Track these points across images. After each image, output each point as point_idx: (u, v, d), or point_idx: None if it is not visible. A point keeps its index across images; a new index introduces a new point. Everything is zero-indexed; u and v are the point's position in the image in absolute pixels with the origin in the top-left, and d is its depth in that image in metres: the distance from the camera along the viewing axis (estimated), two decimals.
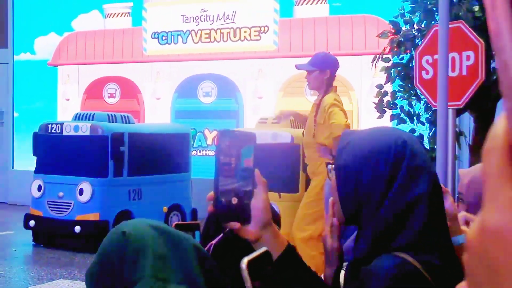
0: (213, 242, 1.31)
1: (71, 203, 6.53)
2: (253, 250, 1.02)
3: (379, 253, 1.18)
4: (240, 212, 1.04)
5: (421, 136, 5.94)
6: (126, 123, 7.15)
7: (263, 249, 1.00)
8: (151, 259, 1.18)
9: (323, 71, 4.54)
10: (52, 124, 6.99)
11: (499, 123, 0.41)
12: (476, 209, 1.86)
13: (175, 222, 1.46)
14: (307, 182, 4.89)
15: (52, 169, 6.86)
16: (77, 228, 6.41)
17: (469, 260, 0.40)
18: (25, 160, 9.94)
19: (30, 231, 7.16)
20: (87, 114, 7.23)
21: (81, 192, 6.47)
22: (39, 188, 6.89)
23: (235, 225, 1.04)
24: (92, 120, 6.91)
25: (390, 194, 1.18)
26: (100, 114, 7.05)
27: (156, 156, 7.04)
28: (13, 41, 10.25)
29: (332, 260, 1.36)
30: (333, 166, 1.30)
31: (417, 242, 1.18)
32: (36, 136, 7.02)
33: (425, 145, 5.77)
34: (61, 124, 6.83)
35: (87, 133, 6.59)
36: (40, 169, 6.92)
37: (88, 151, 6.62)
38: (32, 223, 6.76)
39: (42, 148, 7.05)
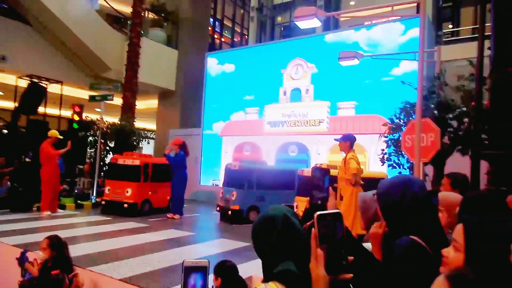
0: (308, 224, 1.40)
1: (229, 200, 8.71)
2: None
3: (401, 236, 1.56)
4: (321, 207, 1.31)
5: None
6: (261, 164, 9.15)
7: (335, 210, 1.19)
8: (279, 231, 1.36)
9: (346, 142, 5.72)
10: (231, 163, 9.45)
11: None
12: None
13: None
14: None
15: (228, 184, 9.14)
16: (230, 212, 8.49)
17: None
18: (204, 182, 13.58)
19: (212, 213, 9.75)
20: (252, 160, 9.45)
21: (233, 195, 8.51)
22: (223, 194, 9.17)
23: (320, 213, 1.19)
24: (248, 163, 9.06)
25: (403, 205, 1.61)
26: (251, 160, 9.65)
27: (275, 180, 8.85)
28: (203, 123, 13.79)
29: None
30: (376, 191, 1.70)
31: (419, 230, 1.57)
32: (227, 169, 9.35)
33: None
34: (230, 164, 9.40)
35: (237, 168, 8.86)
36: (224, 183, 9.36)
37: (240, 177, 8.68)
38: (218, 208, 9.07)
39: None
